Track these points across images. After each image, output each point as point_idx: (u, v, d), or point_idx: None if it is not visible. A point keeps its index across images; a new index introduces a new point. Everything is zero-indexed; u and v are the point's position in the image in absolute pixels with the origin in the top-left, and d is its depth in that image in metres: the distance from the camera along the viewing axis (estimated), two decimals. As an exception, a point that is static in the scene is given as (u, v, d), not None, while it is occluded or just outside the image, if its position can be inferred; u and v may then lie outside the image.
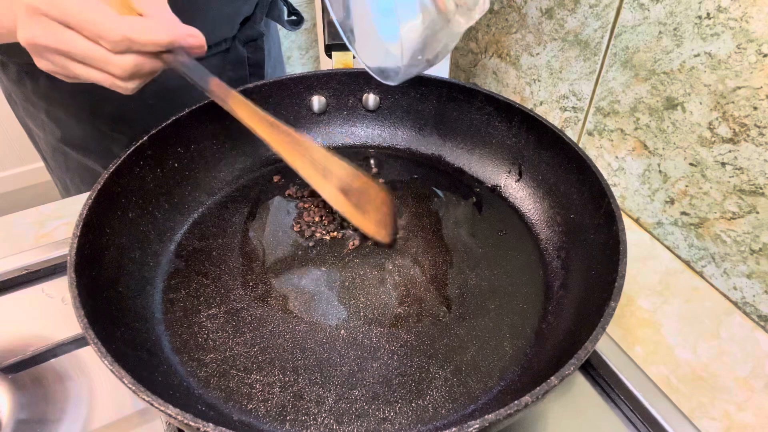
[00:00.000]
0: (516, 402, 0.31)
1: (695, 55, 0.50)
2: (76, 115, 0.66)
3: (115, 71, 0.40)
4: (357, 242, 0.51)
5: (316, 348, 0.43)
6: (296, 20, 0.77)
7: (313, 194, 0.56)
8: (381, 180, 0.58)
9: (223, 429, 0.30)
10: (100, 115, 0.66)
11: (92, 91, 0.63)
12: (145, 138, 0.49)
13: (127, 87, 0.41)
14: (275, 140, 0.48)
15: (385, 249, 0.51)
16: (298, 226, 0.53)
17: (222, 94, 0.46)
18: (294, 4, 0.77)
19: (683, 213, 0.57)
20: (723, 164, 0.51)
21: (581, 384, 0.47)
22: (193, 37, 0.42)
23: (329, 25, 0.62)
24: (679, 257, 0.59)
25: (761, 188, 0.49)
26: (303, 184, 0.57)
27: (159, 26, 0.40)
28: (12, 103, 0.72)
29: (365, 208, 0.51)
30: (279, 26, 0.78)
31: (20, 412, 0.42)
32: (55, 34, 0.38)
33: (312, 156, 0.49)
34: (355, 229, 0.52)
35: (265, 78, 0.75)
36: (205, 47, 0.43)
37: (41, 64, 0.40)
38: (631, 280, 0.56)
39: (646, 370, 0.45)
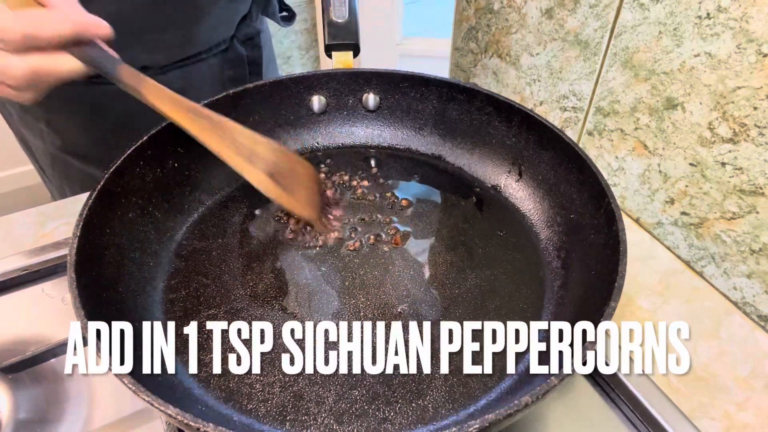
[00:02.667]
0: (516, 402, 0.31)
1: (695, 55, 0.50)
2: (78, 123, 0.66)
3: (11, 82, 0.38)
4: (357, 244, 0.51)
5: (316, 348, 0.43)
6: (288, 16, 0.77)
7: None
8: (380, 176, 0.58)
9: (223, 429, 0.30)
10: (103, 121, 0.66)
11: (94, 98, 0.63)
12: (145, 138, 0.49)
13: (25, 97, 0.40)
14: (195, 127, 0.46)
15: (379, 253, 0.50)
16: (293, 234, 0.53)
17: (134, 83, 0.43)
18: (293, 3, 0.77)
19: (683, 213, 0.57)
20: (723, 164, 0.51)
21: (581, 384, 0.47)
22: (100, 28, 0.40)
23: (329, 25, 0.62)
24: (679, 257, 0.59)
25: (761, 188, 0.49)
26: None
27: (63, 19, 0.38)
28: (6, 113, 0.72)
29: (293, 189, 0.49)
30: (271, 23, 0.79)
31: (20, 412, 0.42)
32: None
33: (236, 140, 0.47)
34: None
35: (262, 75, 0.75)
36: (111, 33, 0.41)
37: None
38: (631, 280, 0.56)
39: (646, 370, 0.45)
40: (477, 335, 0.44)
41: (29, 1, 0.39)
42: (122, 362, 0.33)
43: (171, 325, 0.44)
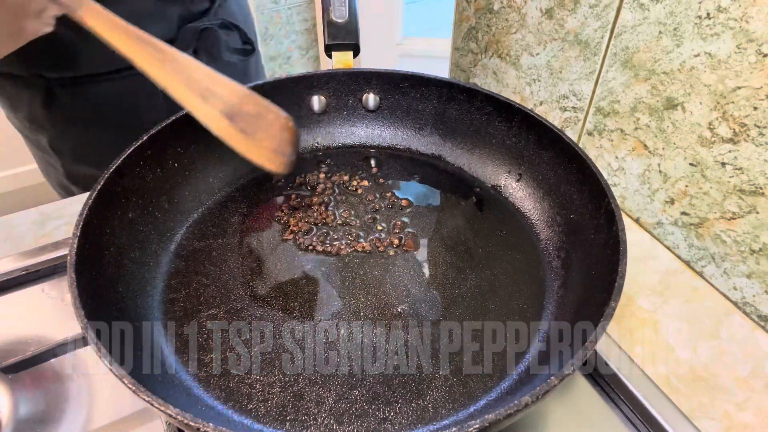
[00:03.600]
0: (516, 402, 0.31)
1: (695, 55, 0.50)
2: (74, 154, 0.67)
3: None
4: (364, 245, 0.51)
5: (316, 348, 0.43)
6: (249, 50, 0.77)
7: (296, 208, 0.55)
8: (378, 174, 0.58)
9: (223, 429, 0.30)
10: (18, 111, 0.66)
11: (89, 100, 0.64)
12: (145, 138, 0.49)
13: None
14: (140, 56, 0.42)
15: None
16: (291, 234, 0.53)
17: (73, 3, 0.41)
18: (294, 3, 0.77)
19: (683, 213, 0.57)
20: (723, 164, 0.51)
21: (581, 384, 0.47)
22: None
23: (329, 25, 0.62)
24: (679, 257, 0.59)
25: (761, 188, 0.49)
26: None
27: None
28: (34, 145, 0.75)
29: (256, 135, 0.46)
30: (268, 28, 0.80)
31: (20, 412, 0.42)
32: None
33: (190, 75, 0.44)
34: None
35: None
36: None
37: None
38: (631, 280, 0.56)
39: (646, 370, 0.45)
40: (477, 335, 0.44)
41: None
42: (122, 362, 0.33)
43: (171, 325, 0.44)
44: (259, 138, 0.46)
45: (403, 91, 0.60)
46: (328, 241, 0.52)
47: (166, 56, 0.43)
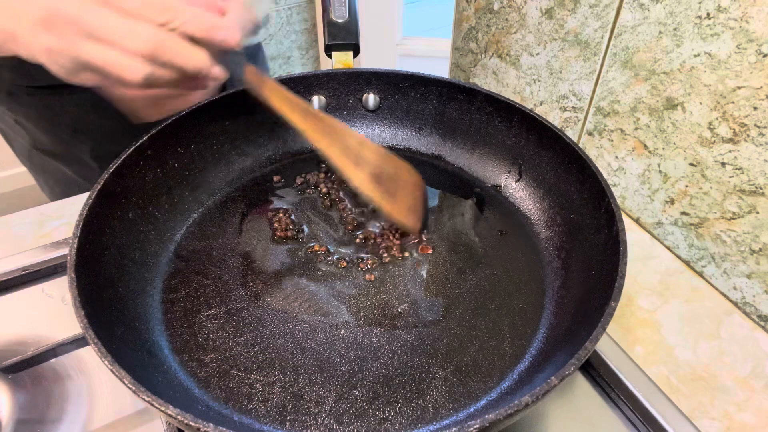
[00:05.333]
0: (516, 402, 0.31)
1: (695, 55, 0.50)
2: (40, 125, 0.67)
3: (135, 44, 0.37)
4: (368, 245, 0.51)
5: (316, 348, 0.43)
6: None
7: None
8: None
9: (224, 429, 0.30)
10: (60, 125, 0.67)
11: (49, 105, 0.65)
12: (145, 138, 0.49)
13: (140, 69, 0.38)
14: (309, 127, 0.47)
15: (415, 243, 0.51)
16: (291, 235, 0.53)
17: (257, 82, 0.46)
18: (293, 3, 0.78)
19: (683, 213, 0.57)
20: (723, 164, 0.51)
21: (581, 384, 0.47)
22: (230, 31, 0.41)
23: (329, 25, 0.62)
24: (679, 257, 0.59)
25: (761, 188, 0.49)
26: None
27: (203, 14, 0.39)
28: (18, 148, 0.74)
29: (396, 194, 0.50)
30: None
31: (20, 412, 0.42)
32: (82, 7, 0.37)
33: (346, 142, 0.49)
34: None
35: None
36: (235, 42, 0.42)
37: (43, 40, 0.38)
38: (631, 280, 0.56)
39: (646, 370, 0.45)
40: (477, 335, 0.44)
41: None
42: (122, 362, 0.33)
43: (171, 325, 0.44)
44: (399, 197, 0.50)
45: (403, 91, 0.60)
46: (328, 241, 0.52)
47: (326, 126, 0.48)
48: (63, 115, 0.65)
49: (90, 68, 0.38)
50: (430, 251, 0.51)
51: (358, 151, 0.49)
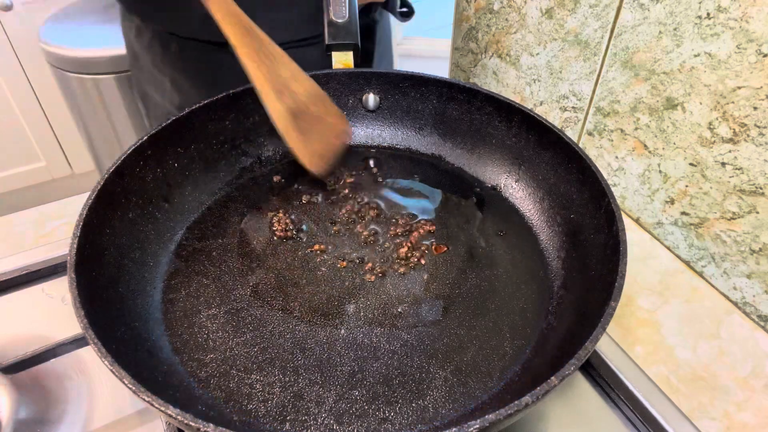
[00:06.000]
0: (516, 402, 0.31)
1: (695, 55, 0.50)
2: (197, 85, 0.69)
3: None
4: (368, 246, 0.51)
5: (316, 348, 0.43)
6: (407, 12, 0.78)
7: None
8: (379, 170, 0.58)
9: (224, 429, 0.30)
10: (221, 87, 0.68)
11: (217, 64, 0.66)
12: (145, 138, 0.49)
13: None
14: (240, 42, 0.46)
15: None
16: (290, 234, 0.53)
17: None
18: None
19: (683, 213, 0.57)
20: (723, 164, 0.51)
21: (581, 384, 0.47)
22: None
23: (329, 25, 0.62)
24: (679, 257, 0.59)
25: (761, 188, 0.49)
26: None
27: None
28: (137, 68, 0.76)
29: (310, 135, 0.49)
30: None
31: (20, 412, 0.42)
32: None
33: (276, 70, 0.48)
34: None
35: (372, 64, 0.77)
36: None
37: None
38: (631, 280, 0.56)
39: (646, 370, 0.45)
40: (477, 335, 0.44)
41: None
42: (122, 362, 0.33)
43: (171, 325, 0.44)
44: (312, 139, 0.49)
45: (403, 91, 0.60)
46: (328, 241, 0.52)
47: (263, 49, 0.47)
48: (226, 76, 0.67)
49: None
50: (444, 250, 0.51)
51: (287, 83, 0.48)
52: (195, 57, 0.60)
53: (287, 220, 0.53)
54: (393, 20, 0.82)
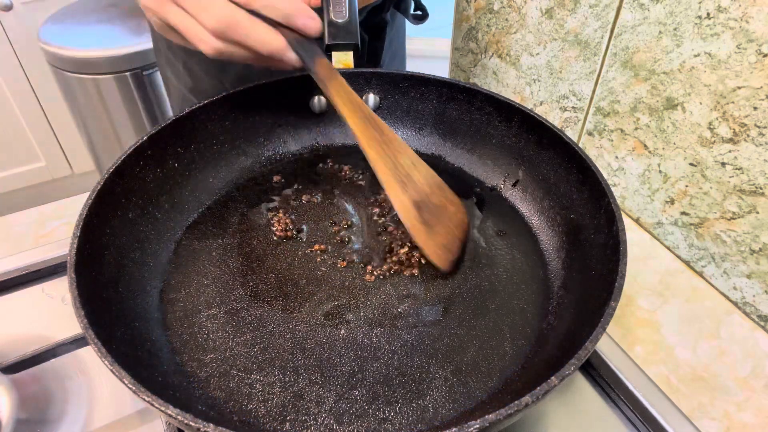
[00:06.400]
0: (516, 402, 0.31)
1: (695, 55, 0.50)
2: (207, 70, 0.70)
3: (207, 20, 0.39)
4: (368, 246, 0.51)
5: (316, 348, 0.43)
6: (421, 15, 0.78)
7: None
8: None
9: (224, 429, 0.30)
10: (227, 73, 0.69)
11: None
12: (145, 138, 0.49)
13: (210, 44, 0.41)
14: (363, 134, 0.46)
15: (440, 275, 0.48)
16: (290, 235, 0.53)
17: (325, 77, 0.46)
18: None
19: (683, 213, 0.57)
20: (723, 164, 0.51)
21: (581, 384, 0.47)
22: (312, 20, 0.43)
23: (329, 25, 0.61)
24: (679, 257, 0.59)
25: (761, 188, 0.49)
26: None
27: (305, 9, 0.41)
28: (157, 51, 0.78)
29: (434, 227, 0.46)
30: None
31: (20, 412, 0.42)
32: None
33: (397, 160, 0.46)
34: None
35: (380, 64, 0.77)
36: (319, 31, 0.44)
37: (143, 1, 0.42)
38: (631, 280, 0.56)
39: (646, 370, 0.45)
40: (477, 335, 0.44)
41: None
42: (122, 362, 0.33)
43: (171, 325, 0.44)
44: (436, 231, 0.47)
45: (403, 91, 0.60)
46: (328, 241, 0.52)
47: (383, 138, 0.46)
48: (232, 63, 0.68)
49: (174, 31, 0.41)
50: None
51: (408, 172, 0.46)
52: None
53: (287, 220, 0.53)
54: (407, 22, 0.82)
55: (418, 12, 0.78)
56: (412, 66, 0.71)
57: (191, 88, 0.73)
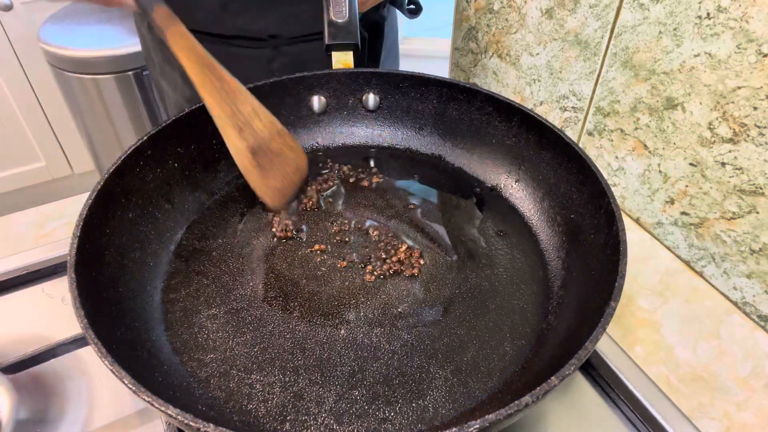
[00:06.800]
0: (516, 402, 0.31)
1: (695, 55, 0.50)
2: None
3: None
4: (367, 246, 0.51)
5: (316, 348, 0.43)
6: (415, 9, 0.79)
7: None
8: (379, 175, 0.58)
9: (224, 429, 0.30)
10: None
11: (224, 59, 0.68)
12: (145, 138, 0.49)
13: None
14: (202, 82, 0.47)
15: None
16: (290, 234, 0.53)
17: (163, 24, 0.46)
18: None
19: (683, 213, 0.57)
20: (723, 164, 0.51)
21: (581, 384, 0.47)
22: None
23: (329, 25, 0.62)
24: (679, 257, 0.59)
25: (761, 188, 0.49)
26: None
27: None
28: (150, 62, 0.78)
29: (269, 171, 0.49)
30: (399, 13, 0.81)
31: (20, 412, 0.42)
32: None
33: (236, 107, 0.48)
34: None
35: (379, 63, 0.77)
36: None
37: None
38: (631, 280, 0.56)
39: (646, 370, 0.45)
40: (477, 335, 0.44)
41: None
42: (122, 362, 0.33)
43: (171, 325, 0.44)
44: (271, 174, 0.49)
45: (403, 91, 0.60)
46: (328, 241, 0.52)
47: (223, 85, 0.47)
48: (234, 67, 0.69)
49: None
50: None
51: (248, 120, 0.48)
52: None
53: (287, 221, 0.53)
54: (399, 17, 0.82)
55: (412, 6, 0.78)
56: (412, 66, 0.71)
57: (189, 98, 0.73)
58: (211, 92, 0.47)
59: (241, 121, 0.48)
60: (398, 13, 0.82)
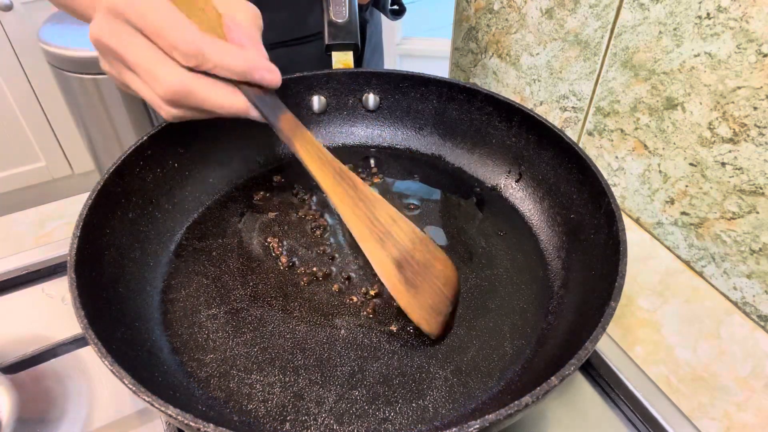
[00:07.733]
0: (516, 402, 0.31)
1: (695, 55, 0.50)
2: None
3: (160, 91, 0.38)
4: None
5: (316, 348, 0.43)
6: (398, 10, 0.78)
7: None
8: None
9: (224, 429, 0.30)
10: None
11: None
12: (145, 138, 0.49)
13: (168, 111, 0.40)
14: (335, 191, 0.44)
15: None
16: (277, 243, 0.53)
17: (290, 134, 0.43)
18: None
19: (683, 213, 0.57)
20: (723, 164, 0.51)
21: (581, 384, 0.47)
22: (271, 73, 0.40)
23: (329, 25, 0.62)
24: (679, 257, 0.59)
25: (761, 188, 0.49)
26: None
27: (238, 53, 0.39)
28: None
29: (419, 287, 0.43)
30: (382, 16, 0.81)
31: (20, 412, 0.42)
32: (120, 36, 0.37)
33: (374, 216, 0.44)
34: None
35: (362, 63, 0.76)
36: (279, 83, 0.42)
37: (102, 64, 0.40)
38: (631, 280, 0.56)
39: (646, 370, 0.45)
40: (477, 335, 0.44)
41: (217, 31, 0.40)
42: (122, 362, 0.33)
43: (171, 325, 0.44)
44: (421, 291, 0.43)
45: (403, 91, 0.60)
46: (327, 241, 0.52)
47: (358, 194, 0.44)
48: None
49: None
50: None
51: (387, 228, 0.44)
52: None
53: (287, 220, 0.53)
54: (386, 19, 0.82)
55: (395, 6, 0.78)
56: (412, 66, 0.72)
57: None
58: (346, 201, 0.44)
59: (381, 231, 0.43)
60: (382, 16, 0.82)
